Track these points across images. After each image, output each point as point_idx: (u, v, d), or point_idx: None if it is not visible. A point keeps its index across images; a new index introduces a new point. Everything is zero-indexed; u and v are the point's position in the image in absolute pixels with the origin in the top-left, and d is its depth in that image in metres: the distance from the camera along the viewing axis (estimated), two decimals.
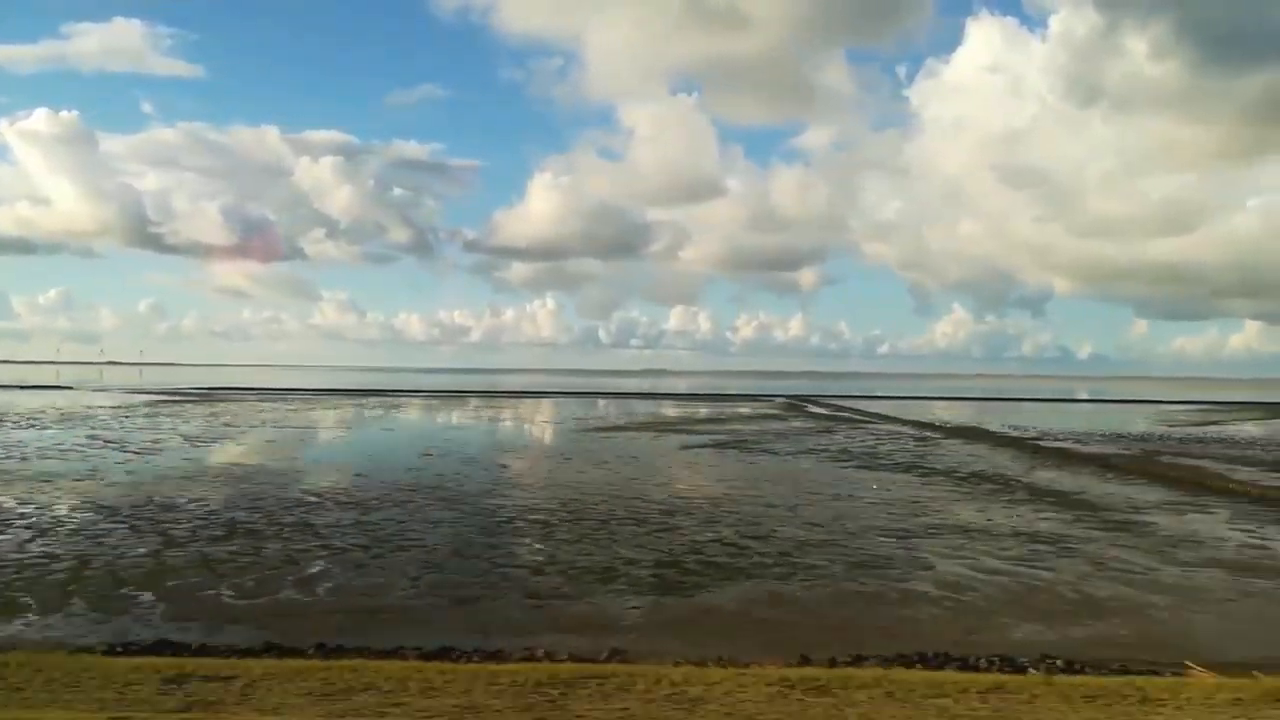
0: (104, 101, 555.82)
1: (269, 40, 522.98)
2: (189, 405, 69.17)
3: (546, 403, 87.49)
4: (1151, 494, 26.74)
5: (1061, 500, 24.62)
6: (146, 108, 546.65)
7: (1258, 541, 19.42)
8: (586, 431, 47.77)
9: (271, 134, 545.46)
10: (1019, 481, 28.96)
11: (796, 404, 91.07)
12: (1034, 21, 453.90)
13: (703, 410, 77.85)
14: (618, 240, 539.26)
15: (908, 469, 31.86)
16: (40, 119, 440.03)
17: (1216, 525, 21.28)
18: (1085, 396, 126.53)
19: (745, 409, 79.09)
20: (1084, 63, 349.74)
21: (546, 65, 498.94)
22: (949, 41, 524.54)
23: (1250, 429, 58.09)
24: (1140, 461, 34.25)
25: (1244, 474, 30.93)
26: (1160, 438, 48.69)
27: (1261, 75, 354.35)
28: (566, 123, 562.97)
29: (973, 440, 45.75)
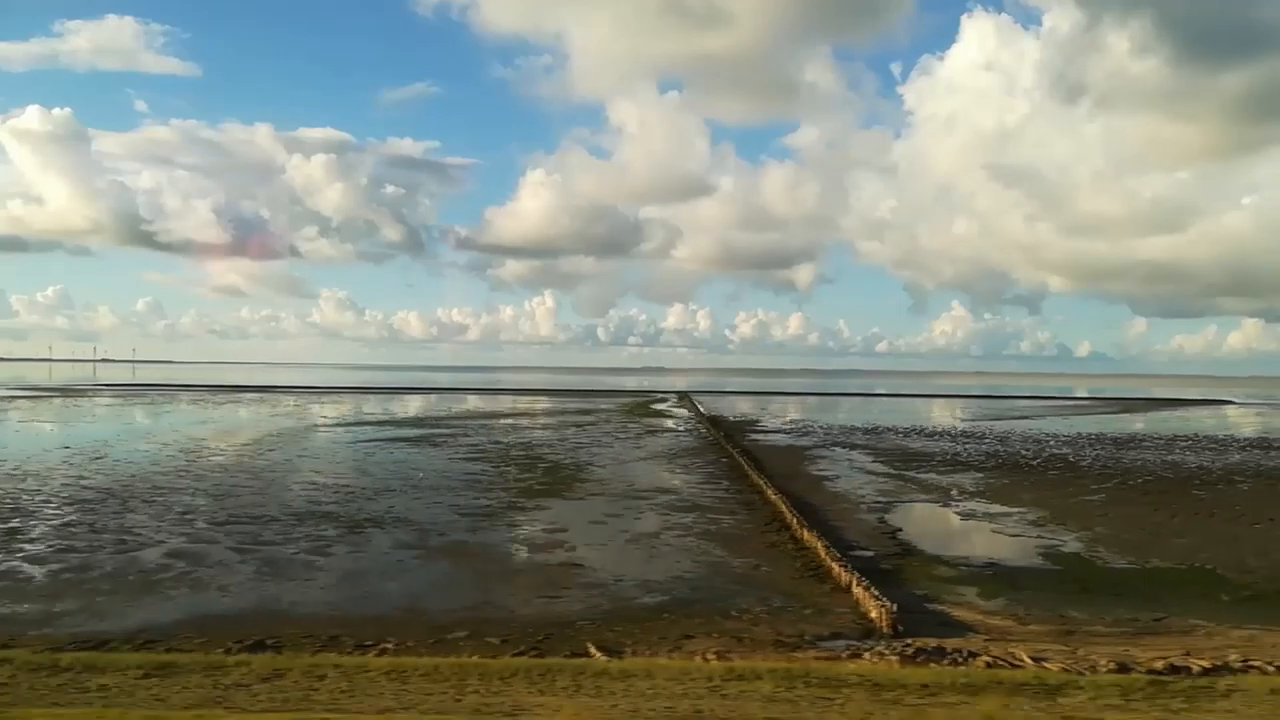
0: (98, 99, 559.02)
1: (261, 38, 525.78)
2: (15, 402, 70.22)
3: (374, 399, 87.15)
4: (679, 478, 27.73)
5: (526, 489, 25.28)
6: (140, 105, 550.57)
7: (605, 519, 20.35)
8: (324, 428, 48.41)
9: (266, 132, 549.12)
10: (564, 464, 30.19)
11: (667, 398, 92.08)
12: (1028, 19, 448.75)
13: (538, 404, 78.82)
14: (610, 238, 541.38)
15: (510, 460, 32.49)
16: (33, 117, 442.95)
17: (610, 504, 22.02)
18: (982, 393, 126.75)
19: (589, 405, 79.46)
20: (1068, 60, 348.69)
21: (533, 63, 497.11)
22: (936, 38, 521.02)
23: (1020, 424, 58.06)
24: (773, 452, 34.84)
25: (826, 461, 31.84)
26: (902, 430, 49.53)
27: (1241, 72, 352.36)
28: (555, 121, 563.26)
29: (690, 430, 46.80)
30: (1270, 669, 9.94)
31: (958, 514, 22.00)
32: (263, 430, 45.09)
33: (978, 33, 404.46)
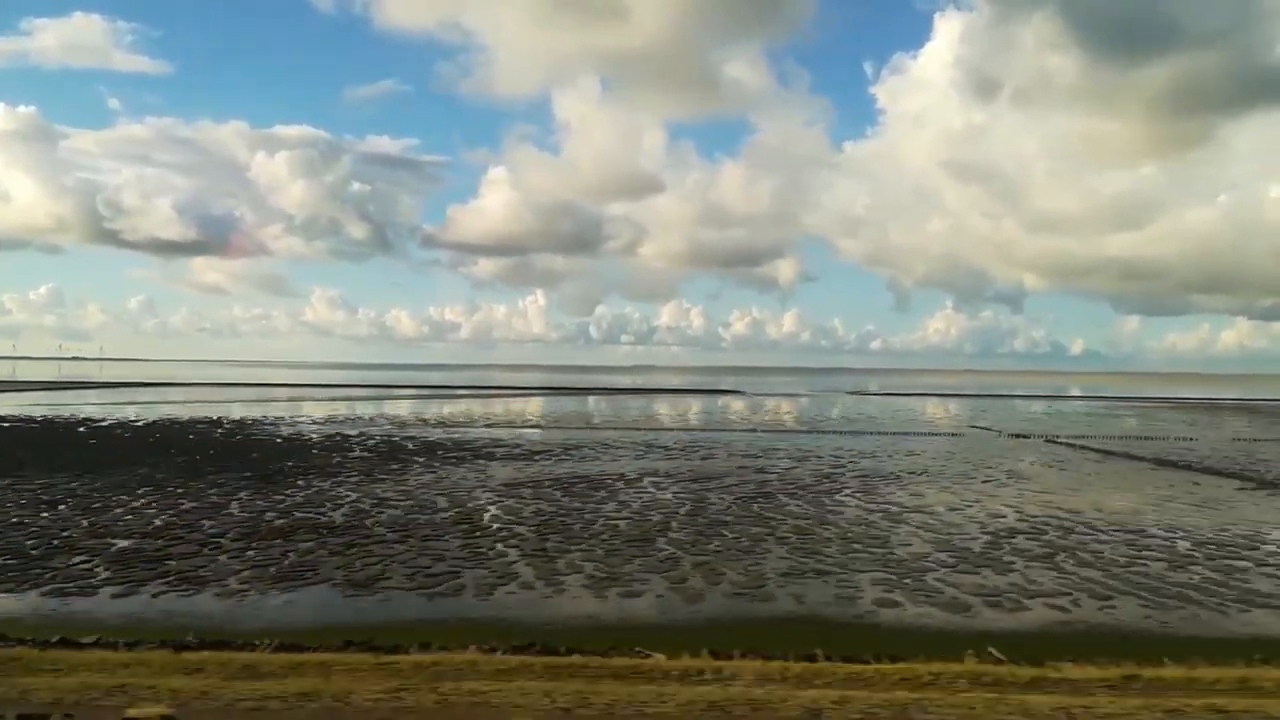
0: (70, 97, 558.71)
1: (229, 35, 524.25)
2: None
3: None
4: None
5: None
6: (114, 103, 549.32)
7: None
8: None
9: (241, 129, 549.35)
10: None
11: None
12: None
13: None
14: (575, 235, 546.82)
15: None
16: None
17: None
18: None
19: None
20: (985, 57, 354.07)
21: (460, 61, 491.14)
22: (865, 37, 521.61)
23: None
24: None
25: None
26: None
27: (1156, 68, 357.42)
28: (495, 118, 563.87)
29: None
30: None
31: None
32: None
33: (948, 32, 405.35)
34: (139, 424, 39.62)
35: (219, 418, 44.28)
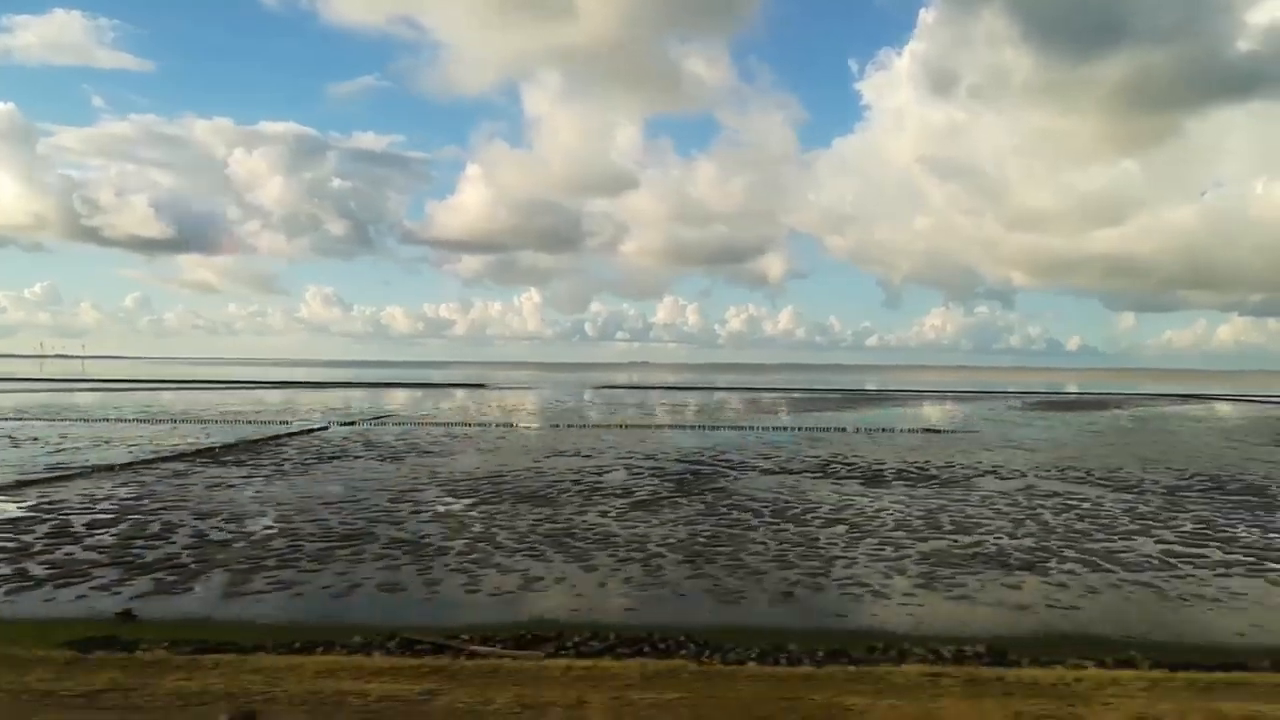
0: (53, 95, 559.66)
1: (211, 31, 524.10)
2: None
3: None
4: None
5: None
6: (97, 101, 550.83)
7: None
8: None
9: (225, 126, 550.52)
10: None
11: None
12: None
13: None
14: (555, 231, 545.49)
15: None
16: None
17: None
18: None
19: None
20: (943, 53, 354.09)
21: (418, 57, 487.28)
22: (796, 34, 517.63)
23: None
24: None
25: None
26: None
27: (1109, 62, 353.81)
28: (464, 115, 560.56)
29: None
30: None
31: None
32: None
33: (928, 28, 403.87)
34: None
35: None
